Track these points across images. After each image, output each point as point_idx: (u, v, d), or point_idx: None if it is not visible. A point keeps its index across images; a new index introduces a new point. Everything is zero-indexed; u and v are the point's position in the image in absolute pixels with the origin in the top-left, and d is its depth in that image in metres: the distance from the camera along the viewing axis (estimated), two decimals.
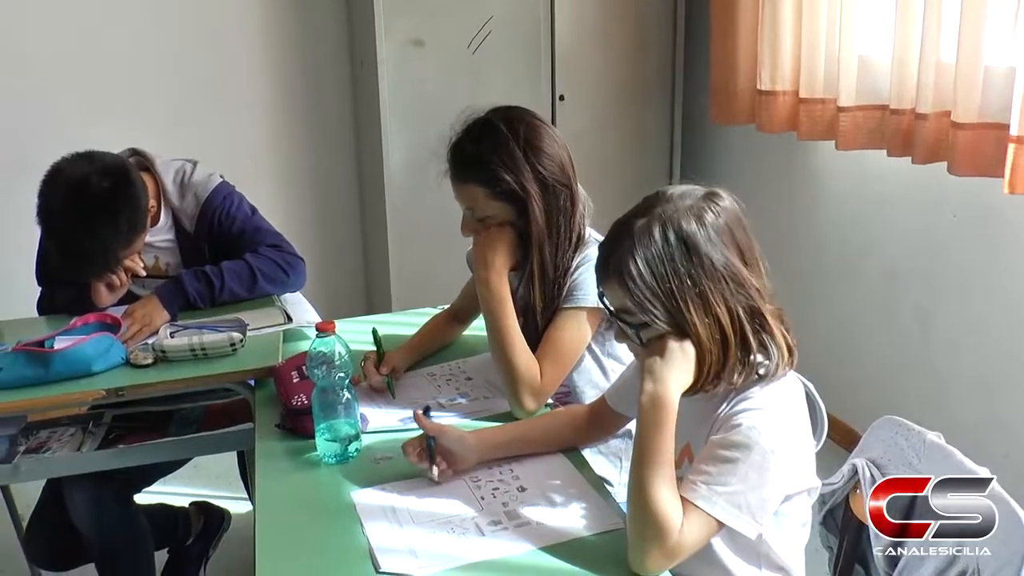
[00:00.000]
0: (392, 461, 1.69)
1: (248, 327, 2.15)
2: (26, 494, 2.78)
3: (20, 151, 3.46)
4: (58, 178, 2.16)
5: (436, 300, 2.49)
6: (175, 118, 3.74)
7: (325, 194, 4.11)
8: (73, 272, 2.26)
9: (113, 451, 2.13)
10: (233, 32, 3.80)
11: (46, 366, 2.01)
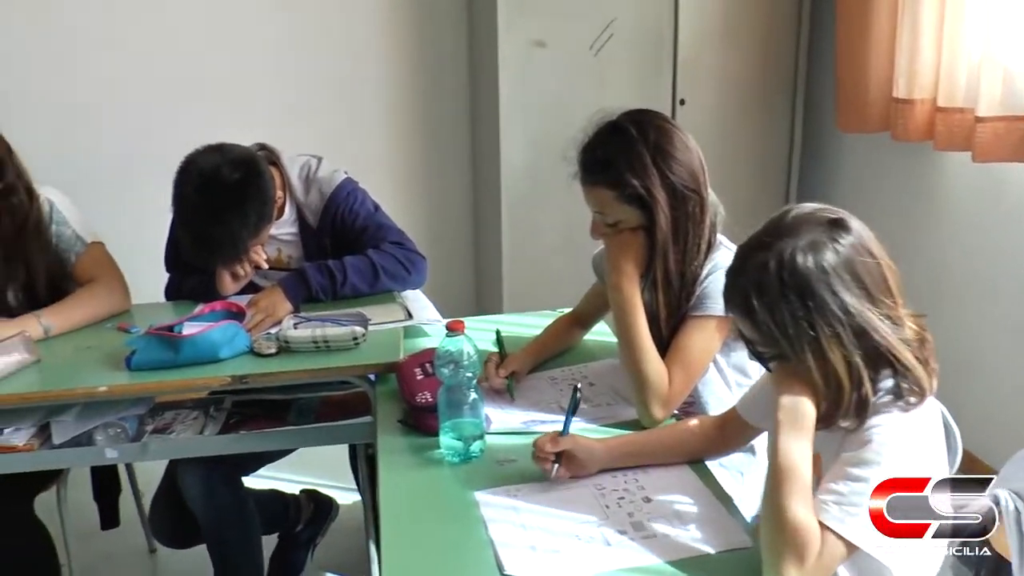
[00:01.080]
0: (515, 464, 1.68)
1: (370, 322, 2.16)
2: (145, 471, 2.88)
3: (146, 146, 3.58)
4: (191, 169, 2.22)
5: (550, 302, 2.48)
6: (293, 114, 3.80)
7: (439, 192, 4.13)
8: (202, 260, 2.31)
9: (234, 436, 2.18)
10: (353, 28, 3.85)
11: (176, 351, 2.07)
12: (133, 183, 3.52)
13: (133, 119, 3.63)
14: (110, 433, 2.17)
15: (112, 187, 3.48)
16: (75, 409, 2.18)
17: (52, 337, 2.29)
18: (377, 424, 1.92)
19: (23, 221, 2.36)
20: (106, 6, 3.59)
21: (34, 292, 2.42)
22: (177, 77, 3.67)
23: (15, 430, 2.17)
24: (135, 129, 3.62)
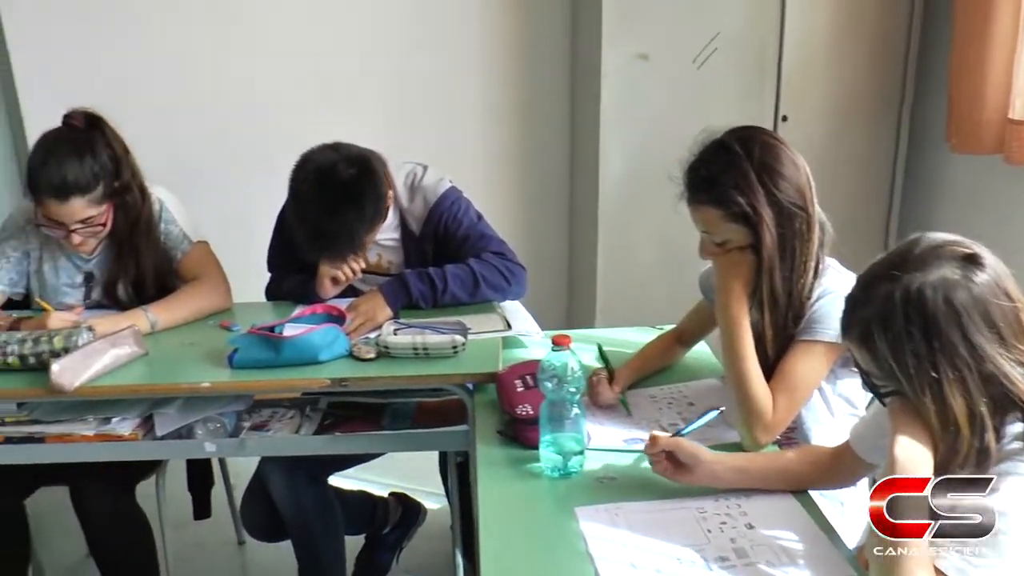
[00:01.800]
0: (616, 482, 1.67)
1: (469, 331, 2.16)
2: (236, 464, 2.94)
3: (252, 149, 3.65)
4: (307, 165, 2.26)
5: (643, 318, 2.45)
6: (395, 121, 3.84)
7: (534, 203, 4.13)
8: (318, 255, 2.34)
9: (330, 437, 2.20)
10: (457, 35, 3.87)
11: (277, 351, 2.10)
12: (238, 185, 3.60)
13: (240, 122, 3.70)
14: (210, 428, 2.22)
15: (218, 188, 3.55)
16: (177, 402, 2.23)
17: (157, 332, 2.36)
18: (475, 433, 1.92)
19: (135, 219, 2.44)
20: (220, 11, 3.67)
21: (142, 287, 2.49)
22: (285, 83, 3.74)
23: (122, 420, 2.22)
24: (242, 132, 3.69)
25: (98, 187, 2.33)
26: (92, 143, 2.34)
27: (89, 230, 2.37)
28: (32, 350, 2.17)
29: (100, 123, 2.39)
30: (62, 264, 2.52)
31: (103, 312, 2.44)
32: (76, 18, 3.53)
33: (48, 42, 3.54)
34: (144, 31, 3.61)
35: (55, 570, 2.85)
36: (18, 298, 2.59)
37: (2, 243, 2.54)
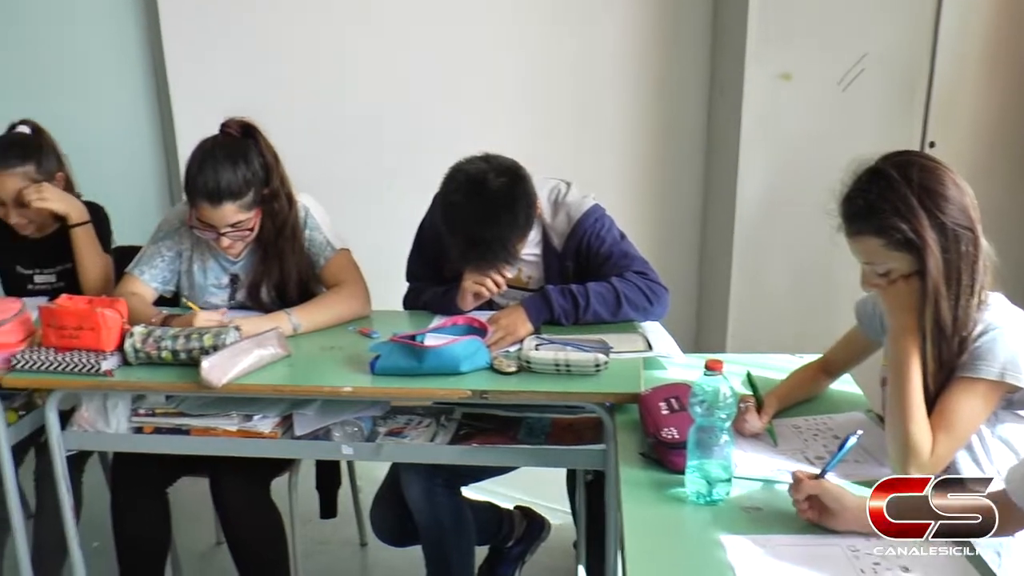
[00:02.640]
0: (761, 512, 1.63)
1: (611, 350, 2.15)
2: (363, 467, 2.99)
3: (390, 160, 3.70)
4: (458, 175, 2.28)
5: (777, 345, 2.41)
6: (529, 135, 3.83)
7: (667, 222, 4.08)
8: (471, 263, 2.36)
9: (466, 448, 2.21)
10: (594, 53, 3.86)
11: (420, 360, 2.12)
12: (380, 195, 3.66)
13: (383, 137, 3.75)
14: (347, 431, 2.26)
15: (361, 197, 3.61)
16: (316, 404, 2.28)
17: (299, 335, 2.41)
18: (615, 454, 1.90)
19: (282, 225, 2.51)
20: (370, 23, 3.74)
21: (284, 290, 2.57)
22: (430, 97, 3.77)
23: (263, 417, 2.29)
24: (385, 146, 3.74)
25: (249, 193, 2.41)
26: (246, 151, 2.43)
27: (237, 234, 2.45)
28: (184, 346, 2.25)
29: (254, 132, 2.48)
30: (210, 265, 2.61)
31: (247, 313, 2.52)
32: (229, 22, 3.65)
33: (201, 48, 3.66)
34: (294, 42, 3.70)
35: (189, 556, 2.95)
36: (168, 295, 2.70)
37: (158, 243, 2.65)
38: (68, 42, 3.79)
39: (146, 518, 2.52)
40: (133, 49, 3.74)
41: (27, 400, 2.50)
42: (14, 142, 2.74)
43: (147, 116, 3.82)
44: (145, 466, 2.46)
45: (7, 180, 2.68)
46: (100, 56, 3.79)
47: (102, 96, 3.83)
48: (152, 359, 2.28)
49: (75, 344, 2.31)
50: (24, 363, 2.31)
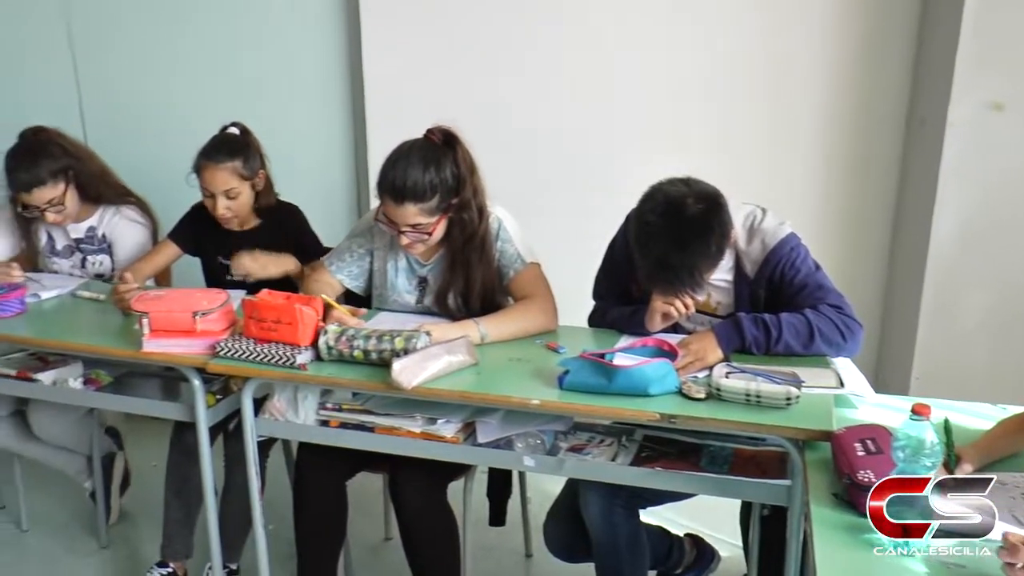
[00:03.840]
0: (965, 571, 1.55)
1: (803, 384, 2.10)
2: (534, 479, 3.01)
3: (585, 176, 3.69)
4: (657, 196, 2.27)
5: (966, 391, 2.28)
6: (718, 158, 3.75)
7: (851, 253, 3.92)
8: (657, 286, 2.34)
9: (649, 470, 2.20)
10: (790, 73, 3.76)
11: (609, 379, 2.12)
12: (573, 211, 3.65)
13: (581, 150, 3.74)
14: (529, 442, 2.28)
15: (553, 211, 3.61)
16: (499, 413, 2.32)
17: (485, 344, 2.45)
18: (804, 491, 1.85)
19: (470, 236, 2.56)
20: (572, 39, 3.74)
21: (469, 299, 2.61)
22: (627, 116, 3.75)
23: (446, 422, 2.34)
24: (576, 162, 3.72)
25: (433, 199, 2.46)
26: (440, 158, 2.48)
27: (416, 235, 2.51)
28: (376, 347, 2.33)
29: (454, 141, 2.53)
30: (402, 265, 2.69)
31: (436, 319, 2.58)
32: (427, 32, 3.72)
33: (398, 55, 3.74)
34: (490, 48, 3.73)
35: (359, 548, 3.04)
36: (360, 292, 2.79)
37: (350, 239, 2.76)
38: (275, 48, 3.96)
39: (325, 508, 2.61)
40: (334, 57, 3.88)
41: (223, 385, 2.65)
42: (225, 141, 2.97)
43: (341, 122, 3.94)
44: (328, 458, 2.55)
45: (217, 173, 2.88)
46: (302, 63, 3.94)
47: (301, 101, 3.98)
48: (344, 357, 2.37)
49: (273, 336, 2.42)
50: (226, 351, 2.44)
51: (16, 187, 3.05)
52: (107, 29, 4.16)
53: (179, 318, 2.51)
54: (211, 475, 2.63)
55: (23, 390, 2.86)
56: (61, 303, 3.01)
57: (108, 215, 3.22)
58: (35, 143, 3.08)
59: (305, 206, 3.14)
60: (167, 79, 4.11)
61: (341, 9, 3.85)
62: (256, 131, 3.06)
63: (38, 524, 3.42)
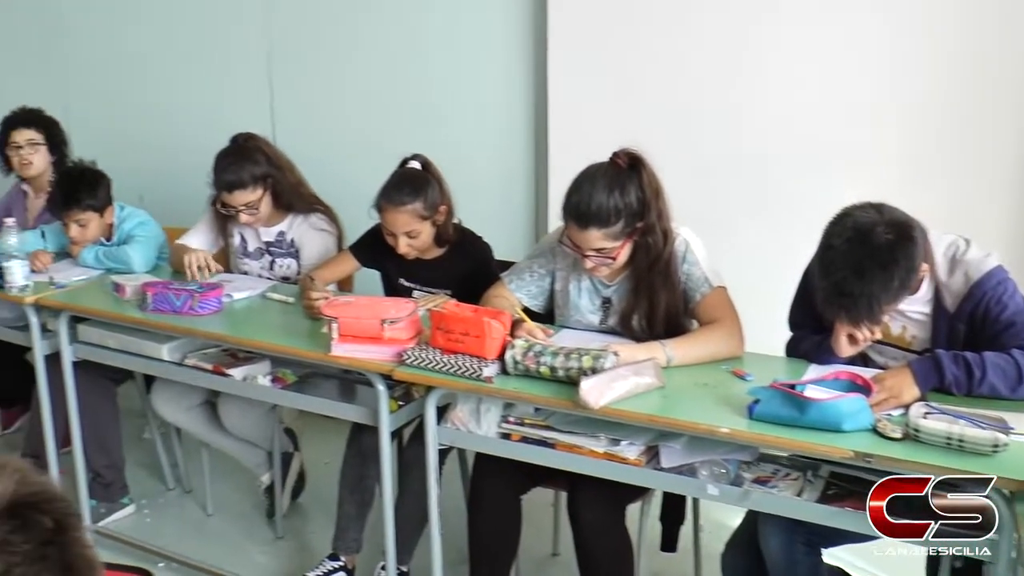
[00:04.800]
0: None
1: (1011, 430, 2.00)
2: (707, 506, 2.97)
3: (774, 202, 3.59)
4: (846, 220, 2.22)
5: None
6: (903, 178, 3.63)
7: None
8: (833, 312, 2.27)
9: (838, 509, 2.12)
10: (983, 87, 3.56)
11: (801, 411, 2.08)
12: (764, 235, 3.56)
13: (761, 174, 3.65)
14: (713, 471, 2.26)
15: (743, 236, 3.53)
16: (684, 439, 2.30)
17: (671, 367, 2.44)
18: (1010, 547, 1.77)
19: (655, 259, 2.56)
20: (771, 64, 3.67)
21: (652, 322, 2.60)
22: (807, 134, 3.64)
23: (630, 444, 2.34)
24: (764, 183, 3.62)
25: (617, 224, 2.47)
26: (625, 182, 2.49)
27: (600, 259, 2.52)
28: (563, 364, 2.35)
29: (640, 165, 2.53)
30: (585, 285, 2.71)
31: (622, 340, 2.58)
32: (613, 56, 3.71)
33: (583, 78, 3.74)
34: (677, 78, 3.68)
35: (526, 562, 3.06)
36: (538, 311, 2.82)
37: (532, 259, 2.80)
38: (460, 68, 4.04)
39: (500, 520, 2.65)
40: (518, 78, 3.91)
41: (405, 392, 2.72)
42: (406, 178, 3.00)
43: (523, 143, 3.95)
44: (506, 471, 2.58)
45: (398, 216, 2.95)
46: (487, 83, 3.99)
47: (484, 121, 4.03)
48: (530, 372, 2.40)
49: (459, 348, 2.48)
50: (413, 359, 2.51)
51: (219, 186, 3.23)
52: (303, 51, 4.40)
53: (367, 325, 2.60)
54: (391, 478, 2.70)
55: (217, 384, 3.02)
56: (252, 303, 3.17)
57: (298, 221, 3.36)
58: (243, 148, 3.26)
59: (483, 226, 3.20)
60: (356, 101, 4.28)
61: (528, 32, 3.87)
62: (437, 148, 3.12)
63: (221, 510, 3.60)
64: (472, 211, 3.20)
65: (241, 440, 3.39)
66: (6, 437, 4.27)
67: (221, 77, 4.65)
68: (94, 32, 5.03)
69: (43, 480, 0.98)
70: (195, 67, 4.71)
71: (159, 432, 3.72)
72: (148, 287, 3.09)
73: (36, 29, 5.22)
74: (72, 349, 3.28)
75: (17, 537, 0.91)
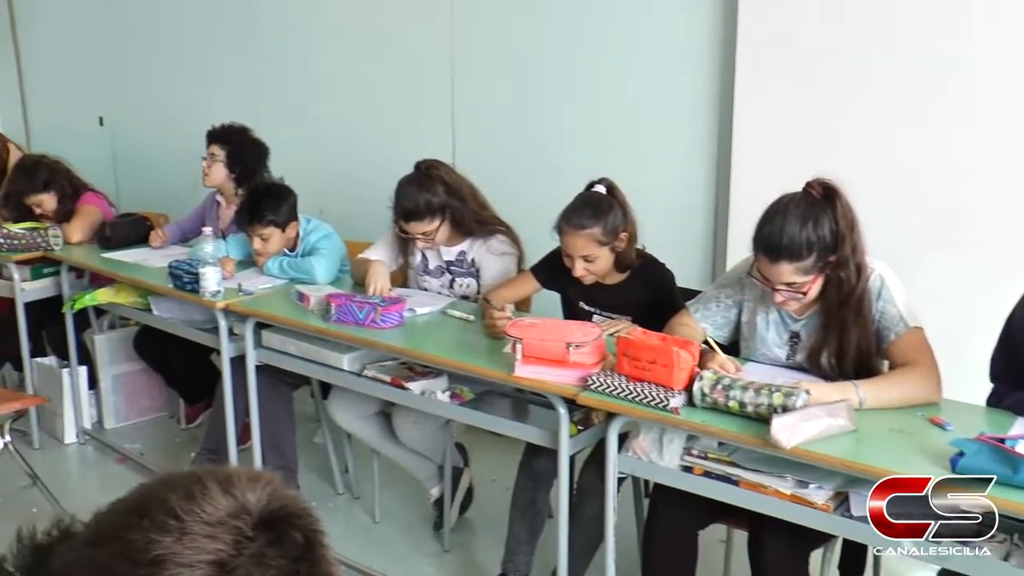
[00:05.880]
0: None
1: None
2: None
3: (972, 235, 3.40)
4: None
5: None
6: None
7: None
8: None
9: None
10: None
11: (1014, 469, 1.98)
12: (956, 274, 3.39)
13: (965, 208, 3.45)
14: None
15: (938, 271, 3.37)
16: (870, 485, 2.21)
17: (863, 410, 2.36)
18: None
19: (847, 295, 2.49)
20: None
21: (843, 361, 2.53)
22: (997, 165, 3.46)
23: (818, 487, 2.27)
24: (969, 218, 3.43)
25: (809, 258, 2.41)
26: (819, 214, 2.43)
27: (790, 293, 2.46)
28: (752, 400, 2.31)
29: (835, 195, 2.46)
30: (773, 318, 2.65)
31: (811, 377, 2.52)
32: (802, 82, 3.60)
33: (771, 105, 3.65)
34: (870, 104, 3.53)
35: None
36: (724, 343, 2.77)
37: (719, 288, 2.76)
38: (643, 91, 4.03)
39: (676, 553, 2.62)
40: (703, 103, 3.86)
41: (584, 416, 2.73)
42: (588, 202, 2.99)
43: (705, 170, 3.89)
44: (684, 505, 2.55)
45: (576, 239, 2.95)
46: (671, 110, 3.96)
47: (668, 148, 4.00)
48: (717, 405, 2.37)
49: (645, 376, 2.46)
50: (599, 385, 2.51)
51: (398, 213, 3.32)
52: (484, 74, 4.50)
53: (552, 347, 2.62)
54: (567, 502, 2.71)
55: (395, 396, 3.09)
56: (432, 319, 3.24)
57: (479, 243, 3.42)
58: (423, 177, 3.33)
59: (659, 252, 3.17)
60: (539, 122, 4.33)
61: (715, 57, 3.83)
62: (617, 171, 3.10)
63: (388, 518, 3.68)
64: (648, 237, 3.17)
65: (413, 452, 3.45)
66: (189, 431, 4.49)
67: (404, 99, 4.79)
68: (280, 56, 5.33)
69: (294, 494, 0.96)
70: (380, 90, 4.89)
71: (331, 437, 3.82)
72: (332, 298, 3.20)
73: (233, 53, 5.57)
74: (256, 353, 3.43)
75: (272, 551, 0.89)
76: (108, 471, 4.25)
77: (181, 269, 3.62)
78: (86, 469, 4.35)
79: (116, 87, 6.34)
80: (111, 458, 4.34)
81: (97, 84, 6.47)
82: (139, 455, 4.27)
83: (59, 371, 4.46)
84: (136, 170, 6.20)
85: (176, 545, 0.86)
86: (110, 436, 4.49)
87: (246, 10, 5.43)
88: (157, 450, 4.34)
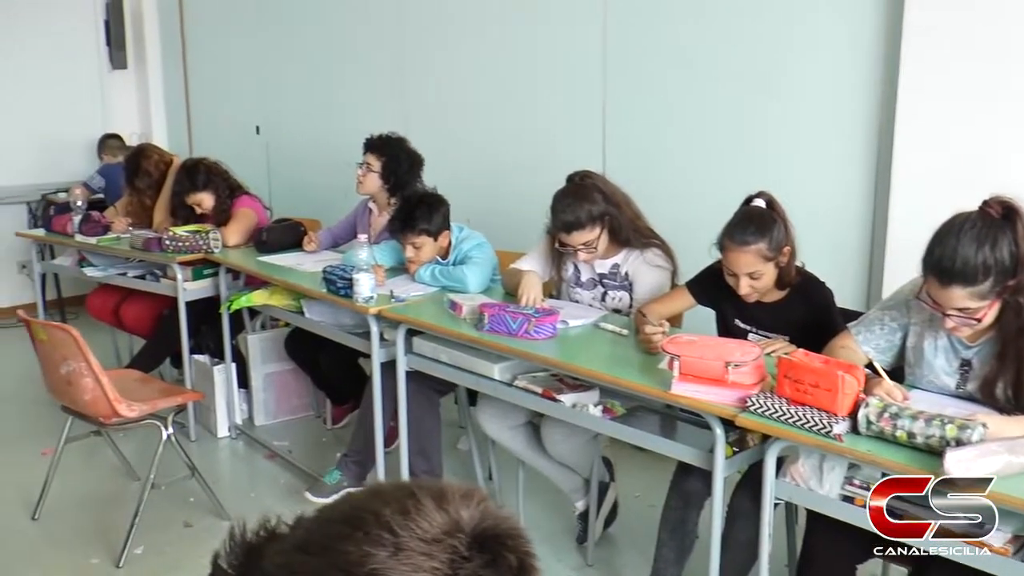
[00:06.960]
0: None
1: None
2: None
3: None
4: None
5: None
6: None
7: None
8: None
9: None
10: None
11: None
12: None
13: None
14: None
15: None
16: None
17: None
18: None
19: None
20: None
21: (1020, 392, 2.40)
22: None
23: (996, 529, 2.13)
24: None
25: (985, 282, 2.29)
26: (997, 235, 2.30)
27: (962, 319, 2.35)
28: (922, 431, 2.22)
29: (1015, 215, 2.33)
30: (942, 344, 2.54)
31: (985, 409, 2.40)
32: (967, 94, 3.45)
33: (934, 119, 3.51)
34: None
35: None
36: (886, 367, 2.65)
37: (883, 310, 2.66)
38: (797, 105, 3.93)
39: None
40: (862, 118, 3.74)
41: (739, 438, 2.67)
42: (751, 217, 2.92)
43: (861, 186, 3.77)
44: (843, 536, 2.45)
45: (741, 256, 2.89)
46: (827, 124, 3.86)
47: (824, 159, 3.90)
48: (884, 434, 2.28)
49: (808, 400, 2.39)
50: (758, 407, 2.45)
51: (557, 226, 3.32)
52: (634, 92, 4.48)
53: (711, 366, 2.57)
54: (720, 525, 2.66)
55: (545, 407, 3.10)
56: (585, 332, 3.23)
57: (633, 255, 3.40)
58: (580, 188, 3.33)
59: (815, 268, 3.08)
60: (690, 134, 4.28)
61: (876, 67, 3.70)
62: (770, 185, 3.03)
63: (531, 528, 3.54)
64: (802, 255, 3.08)
65: (560, 464, 3.45)
66: (335, 431, 4.62)
67: (553, 111, 4.82)
68: (430, 68, 5.45)
69: (506, 514, 0.95)
70: (529, 103, 4.94)
71: (476, 445, 3.86)
72: (486, 308, 3.23)
73: (385, 66, 5.72)
74: (407, 359, 3.48)
75: (488, 572, 0.88)
76: (257, 466, 4.41)
77: (335, 275, 3.72)
78: (237, 463, 4.51)
79: (272, 98, 6.59)
80: (260, 453, 4.49)
81: (254, 95, 6.74)
82: (287, 452, 4.41)
83: (212, 368, 4.64)
84: (289, 177, 6.42)
85: (391, 560, 0.87)
86: (260, 432, 4.65)
87: (397, 24, 5.56)
88: (304, 448, 4.48)
